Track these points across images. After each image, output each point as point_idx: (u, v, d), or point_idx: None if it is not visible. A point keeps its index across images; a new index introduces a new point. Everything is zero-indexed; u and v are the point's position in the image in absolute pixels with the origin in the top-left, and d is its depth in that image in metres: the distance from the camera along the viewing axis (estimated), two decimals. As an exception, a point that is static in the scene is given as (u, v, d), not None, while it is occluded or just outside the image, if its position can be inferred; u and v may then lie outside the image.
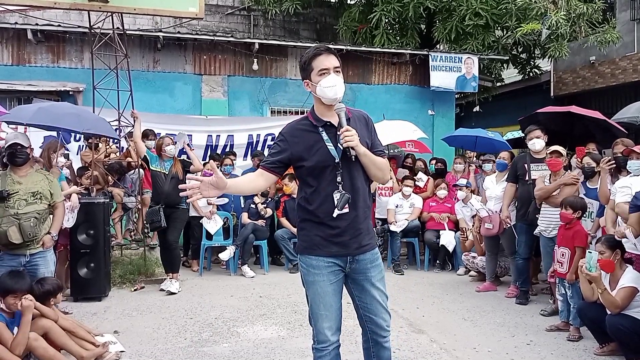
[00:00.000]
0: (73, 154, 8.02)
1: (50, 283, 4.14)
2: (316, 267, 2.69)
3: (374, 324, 2.79)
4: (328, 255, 2.67)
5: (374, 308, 2.76)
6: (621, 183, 4.51)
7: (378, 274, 2.76)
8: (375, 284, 2.75)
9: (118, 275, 6.52)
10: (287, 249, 7.47)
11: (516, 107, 13.50)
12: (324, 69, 2.59)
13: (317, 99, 2.66)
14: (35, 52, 8.83)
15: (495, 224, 6.13)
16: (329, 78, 2.57)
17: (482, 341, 4.58)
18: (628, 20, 12.08)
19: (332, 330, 2.70)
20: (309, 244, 2.70)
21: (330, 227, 2.65)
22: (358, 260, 2.71)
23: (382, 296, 2.78)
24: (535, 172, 5.68)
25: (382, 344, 2.82)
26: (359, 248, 2.69)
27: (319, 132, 2.66)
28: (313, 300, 2.72)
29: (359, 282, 2.75)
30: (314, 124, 2.69)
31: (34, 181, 4.42)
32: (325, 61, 2.59)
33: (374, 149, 2.71)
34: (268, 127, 9.27)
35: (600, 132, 6.34)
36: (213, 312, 5.42)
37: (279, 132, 2.76)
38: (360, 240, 2.69)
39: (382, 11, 10.70)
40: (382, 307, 2.78)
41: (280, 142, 2.69)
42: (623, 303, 3.97)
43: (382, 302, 2.78)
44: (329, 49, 2.65)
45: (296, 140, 2.67)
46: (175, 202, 6.25)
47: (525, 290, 5.88)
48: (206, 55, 9.51)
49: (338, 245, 2.66)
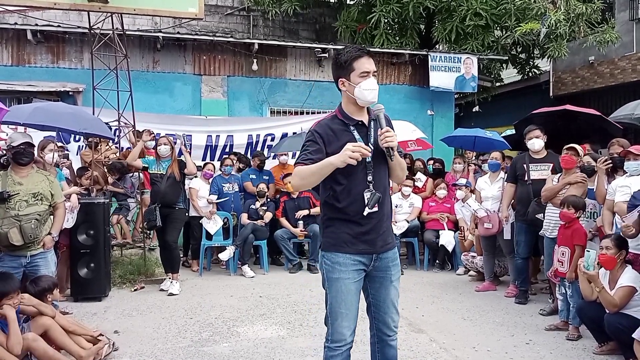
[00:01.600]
0: (73, 154, 8.04)
1: (45, 280, 4.16)
2: (342, 264, 2.71)
3: (382, 321, 2.83)
4: (355, 253, 2.70)
5: (385, 306, 2.81)
6: (620, 183, 4.53)
7: (396, 273, 2.83)
8: (394, 282, 2.81)
9: (118, 276, 6.53)
10: (286, 249, 7.48)
11: (515, 107, 13.51)
12: (366, 71, 2.62)
13: (350, 98, 2.69)
14: (35, 52, 8.83)
15: (494, 224, 6.15)
16: (370, 81, 2.62)
17: (482, 340, 4.59)
18: (627, 20, 12.09)
19: (350, 330, 2.72)
20: (337, 241, 2.72)
21: (359, 225, 2.68)
22: (381, 259, 2.76)
23: (396, 296, 2.83)
24: (535, 172, 5.69)
25: (388, 342, 2.86)
26: (383, 246, 2.74)
27: (350, 131, 2.69)
28: (335, 298, 2.73)
29: (377, 280, 2.80)
30: (346, 123, 2.71)
31: (35, 182, 4.42)
32: (367, 64, 2.63)
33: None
34: (268, 128, 9.29)
35: (595, 132, 6.36)
36: (213, 312, 5.43)
37: (312, 129, 2.72)
38: (385, 238, 2.75)
39: (381, 11, 10.70)
40: (394, 307, 2.83)
41: (318, 140, 2.67)
42: (621, 302, 3.99)
43: (395, 302, 2.83)
44: (369, 52, 2.68)
45: (330, 138, 2.67)
46: (172, 201, 6.26)
47: (524, 289, 5.89)
48: (206, 55, 9.52)
49: (366, 244, 2.70)
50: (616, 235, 4.24)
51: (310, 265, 7.47)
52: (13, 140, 4.41)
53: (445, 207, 7.82)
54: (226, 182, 7.68)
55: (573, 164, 5.15)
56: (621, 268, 4.15)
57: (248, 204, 7.68)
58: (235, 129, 9.12)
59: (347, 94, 2.69)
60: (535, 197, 5.57)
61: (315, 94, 10.03)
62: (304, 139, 2.75)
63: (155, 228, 6.31)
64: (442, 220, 7.66)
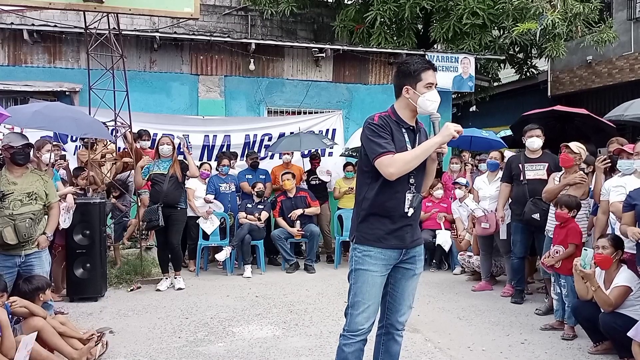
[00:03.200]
0: (70, 154, 8.03)
1: (37, 280, 4.15)
2: (374, 257, 2.85)
3: (394, 312, 2.98)
4: (387, 248, 2.85)
5: (401, 298, 2.97)
6: (615, 182, 4.52)
7: (420, 268, 3.00)
8: (416, 275, 2.98)
9: (114, 276, 6.52)
10: (283, 248, 7.48)
11: (513, 107, 13.51)
12: (431, 83, 2.82)
13: (410, 105, 2.86)
14: (32, 52, 8.81)
15: (492, 223, 6.15)
16: (434, 93, 2.83)
17: (477, 340, 4.59)
18: (625, 20, 12.11)
19: (368, 322, 2.87)
20: (371, 236, 2.86)
21: (394, 222, 2.84)
22: (410, 253, 2.92)
23: (413, 289, 3.01)
24: (530, 172, 5.69)
25: (394, 336, 3.01)
26: (412, 241, 2.92)
27: (402, 133, 2.86)
28: (360, 289, 2.87)
29: (401, 271, 2.95)
30: (399, 124, 2.87)
31: (29, 182, 4.42)
32: (433, 77, 2.84)
33: None
34: (265, 127, 9.29)
35: (593, 132, 6.37)
36: (209, 311, 5.42)
37: (376, 122, 2.81)
38: (414, 234, 2.93)
39: (378, 11, 10.70)
40: (409, 299, 3.00)
41: (386, 129, 2.81)
42: (616, 302, 3.99)
43: (411, 295, 3.00)
44: (435, 67, 2.91)
45: (391, 133, 2.83)
46: (174, 201, 6.28)
47: (520, 289, 5.89)
48: (203, 55, 9.50)
49: (397, 239, 2.86)
50: (612, 235, 4.24)
51: (307, 265, 7.47)
52: (11, 140, 4.40)
53: (441, 206, 7.82)
54: (223, 182, 7.68)
55: (571, 161, 5.13)
56: (617, 268, 4.15)
57: (245, 203, 7.68)
58: (232, 129, 9.12)
59: (408, 101, 2.86)
60: (531, 197, 5.57)
61: (313, 94, 10.01)
62: (367, 131, 2.83)
63: (157, 228, 6.30)
64: (439, 220, 7.66)
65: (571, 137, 6.42)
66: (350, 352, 2.87)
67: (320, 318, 5.20)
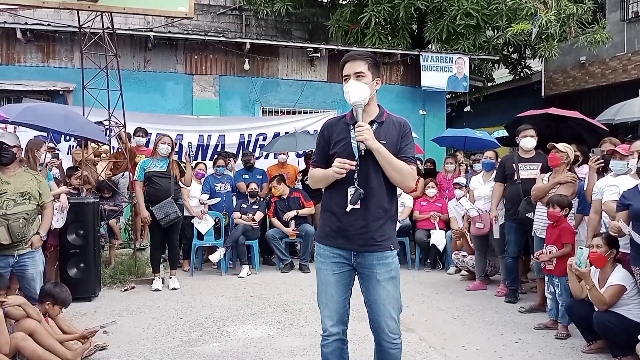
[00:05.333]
0: (63, 153, 8.00)
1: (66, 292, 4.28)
2: (323, 255, 2.84)
3: (376, 324, 2.78)
4: (334, 246, 2.80)
5: (377, 308, 2.76)
6: (608, 182, 4.55)
7: (385, 273, 2.75)
8: (381, 282, 2.74)
9: (108, 276, 6.50)
10: (278, 248, 7.47)
11: (507, 107, 13.57)
12: (346, 75, 2.79)
13: None
14: (25, 51, 8.78)
15: (486, 223, 6.17)
16: (348, 84, 2.76)
17: (471, 339, 4.60)
18: (618, 21, 12.18)
19: (332, 321, 2.80)
20: (321, 233, 2.88)
21: (339, 220, 2.76)
22: (364, 255, 2.76)
23: (387, 298, 2.75)
24: (524, 171, 5.72)
25: (386, 349, 2.78)
26: (363, 245, 2.74)
27: (349, 131, 2.80)
28: (317, 287, 2.89)
29: (364, 277, 2.80)
30: (347, 122, 2.83)
31: (23, 181, 4.39)
32: (348, 68, 2.78)
33: (401, 154, 2.75)
34: (259, 127, 9.29)
35: (586, 133, 6.40)
36: (203, 311, 5.41)
37: (321, 128, 2.94)
38: (367, 237, 2.73)
39: (373, 11, 10.73)
40: (386, 310, 2.75)
41: (321, 140, 2.89)
42: (611, 300, 4.01)
43: (387, 304, 2.75)
44: (355, 56, 2.80)
45: (333, 136, 2.84)
46: (176, 197, 6.32)
47: (514, 288, 5.91)
48: (197, 55, 9.50)
49: (344, 238, 2.76)
50: (607, 234, 4.26)
51: (302, 265, 7.46)
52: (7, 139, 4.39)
53: (436, 206, 7.83)
54: (218, 181, 7.66)
55: (559, 160, 5.18)
56: (611, 267, 4.17)
57: (240, 203, 7.67)
58: (227, 128, 9.11)
59: None
60: (525, 197, 5.59)
61: (307, 94, 10.03)
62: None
63: (176, 221, 6.24)
64: (434, 219, 7.67)
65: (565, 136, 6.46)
66: (329, 352, 2.83)
67: (314, 318, 5.19)
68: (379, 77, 2.83)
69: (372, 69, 2.78)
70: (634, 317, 3.95)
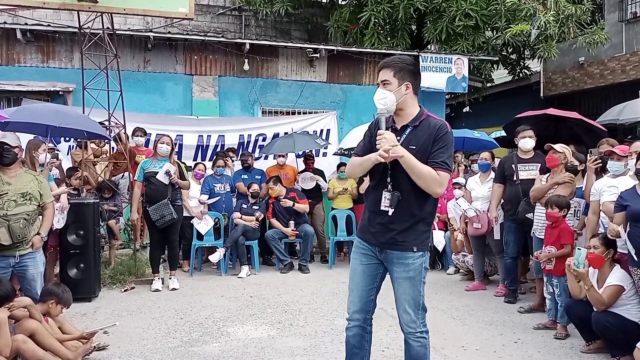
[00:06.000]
0: (63, 154, 8.00)
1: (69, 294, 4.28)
2: (356, 246, 3.07)
3: (399, 315, 2.97)
4: (364, 240, 3.01)
5: (397, 301, 2.96)
6: (607, 183, 4.56)
7: (402, 272, 2.89)
8: (399, 279, 2.90)
9: (108, 276, 6.51)
10: (277, 249, 7.49)
11: (506, 107, 13.59)
12: (377, 83, 2.94)
13: None
14: (25, 52, 8.77)
15: (483, 224, 6.19)
16: (377, 91, 2.89)
17: (470, 339, 4.62)
18: (616, 22, 12.20)
19: (355, 306, 3.03)
20: (360, 225, 3.10)
21: (369, 217, 2.97)
22: (386, 253, 2.93)
23: (403, 294, 2.91)
24: (523, 172, 5.74)
25: (408, 340, 2.96)
26: (385, 243, 2.90)
27: None
28: (350, 274, 3.09)
29: (389, 272, 3.00)
30: (385, 126, 2.88)
31: (24, 182, 4.40)
32: (379, 77, 2.92)
33: (430, 159, 2.79)
34: (259, 128, 9.30)
35: (585, 133, 6.42)
36: (203, 312, 5.43)
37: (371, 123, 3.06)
38: (390, 237, 2.87)
39: (372, 12, 10.74)
40: (402, 305, 2.92)
41: (367, 134, 3.05)
42: (609, 300, 4.03)
43: (403, 300, 2.91)
44: (383, 64, 2.92)
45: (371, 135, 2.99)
46: (173, 199, 6.31)
47: (513, 289, 5.93)
48: (197, 55, 9.49)
49: (371, 235, 2.96)
50: (603, 234, 4.28)
51: (302, 265, 7.48)
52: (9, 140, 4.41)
53: (435, 207, 7.83)
54: (218, 182, 7.67)
55: (556, 161, 5.21)
56: (610, 267, 4.19)
57: (240, 203, 7.68)
58: (226, 129, 9.12)
59: None
60: (524, 197, 5.61)
61: (307, 94, 10.03)
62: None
63: (171, 222, 6.24)
64: (432, 220, 7.67)
65: (563, 137, 6.49)
66: (351, 336, 3.05)
67: (314, 318, 5.21)
68: (409, 81, 2.87)
69: (399, 75, 2.85)
70: (632, 317, 3.98)
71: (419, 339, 2.93)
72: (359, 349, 3.07)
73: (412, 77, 2.89)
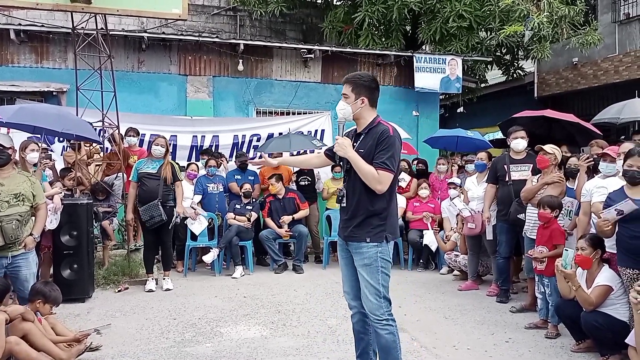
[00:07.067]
0: (57, 154, 7.99)
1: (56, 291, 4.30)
2: (338, 243, 3.45)
3: (364, 305, 3.24)
4: (339, 235, 3.40)
5: (361, 292, 3.26)
6: (597, 183, 4.60)
7: (359, 261, 3.21)
8: (358, 268, 3.23)
9: (102, 277, 6.51)
10: (272, 249, 7.50)
11: (500, 108, 13.64)
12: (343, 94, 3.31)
13: None
14: (18, 52, 8.76)
15: (477, 224, 6.22)
16: (338, 103, 3.32)
17: (462, 339, 4.65)
18: (609, 23, 12.27)
19: (349, 295, 3.40)
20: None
21: (340, 216, 3.37)
22: (349, 244, 3.28)
23: (363, 281, 3.21)
24: (515, 172, 5.77)
25: (376, 329, 3.23)
26: (347, 237, 3.27)
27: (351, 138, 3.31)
28: None
29: None
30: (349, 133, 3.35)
31: (16, 183, 4.40)
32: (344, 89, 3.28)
33: (374, 160, 3.12)
34: (253, 128, 9.31)
35: (578, 133, 6.47)
36: (197, 312, 5.44)
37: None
38: (349, 230, 3.24)
39: (367, 12, 10.77)
40: (363, 291, 3.21)
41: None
42: (597, 301, 4.06)
43: (365, 288, 3.20)
44: (345, 79, 3.30)
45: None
46: (166, 200, 6.31)
47: (505, 288, 5.97)
48: (191, 55, 9.50)
49: (340, 230, 3.36)
50: (591, 236, 4.31)
51: (296, 266, 7.50)
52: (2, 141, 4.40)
53: (429, 207, 7.88)
54: (211, 182, 7.68)
55: (547, 162, 5.25)
56: (598, 267, 4.22)
57: (233, 204, 7.69)
58: (220, 129, 9.13)
59: None
60: (516, 198, 5.65)
61: (301, 95, 10.05)
62: None
63: (160, 224, 6.26)
64: (426, 220, 7.71)
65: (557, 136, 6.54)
66: (355, 322, 3.43)
67: (308, 318, 5.23)
68: (365, 96, 3.22)
69: (357, 90, 3.22)
70: (620, 316, 4.01)
71: (386, 327, 3.18)
72: (364, 333, 3.41)
73: (368, 92, 3.24)
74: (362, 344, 3.44)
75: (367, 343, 3.42)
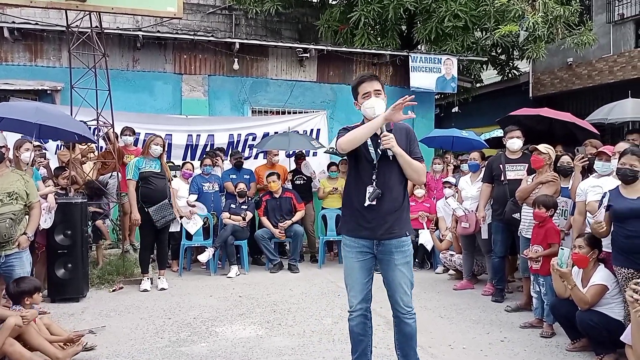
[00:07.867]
0: (51, 153, 7.94)
1: (27, 282, 4.12)
2: (349, 246, 3.34)
3: (393, 299, 3.31)
4: (359, 238, 3.28)
5: (394, 286, 3.28)
6: (592, 183, 4.62)
7: (401, 258, 3.26)
8: (398, 266, 3.25)
9: (96, 276, 6.48)
10: (267, 248, 7.49)
11: (495, 107, 13.65)
12: (367, 92, 3.25)
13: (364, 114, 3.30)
14: (12, 50, 8.70)
15: (471, 223, 6.23)
16: (370, 100, 3.23)
17: (458, 338, 4.65)
18: (604, 23, 12.33)
19: (357, 299, 3.33)
20: (347, 226, 3.35)
21: (362, 215, 3.24)
22: (384, 244, 3.24)
23: (402, 278, 3.26)
24: (511, 172, 5.78)
25: (402, 319, 3.32)
26: (384, 234, 3.22)
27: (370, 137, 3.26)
28: (344, 272, 3.39)
29: (384, 262, 3.29)
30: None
31: (10, 181, 4.38)
32: (367, 87, 3.25)
33: (412, 155, 3.23)
34: (249, 127, 9.29)
35: (578, 130, 6.47)
36: (192, 312, 5.42)
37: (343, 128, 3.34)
38: (387, 227, 3.21)
39: (362, 12, 10.77)
40: (401, 288, 3.26)
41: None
42: (592, 300, 4.07)
43: (402, 284, 3.26)
44: (372, 76, 3.30)
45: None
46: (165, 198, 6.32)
47: (501, 288, 5.97)
48: (186, 54, 9.46)
49: (368, 230, 3.24)
50: (589, 235, 4.32)
51: (291, 265, 7.48)
52: None
53: (424, 206, 7.89)
54: (206, 181, 7.65)
55: (541, 162, 5.26)
56: (594, 267, 4.23)
57: (228, 203, 7.67)
58: (216, 128, 9.11)
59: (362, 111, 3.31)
60: (511, 197, 5.66)
61: (297, 94, 10.04)
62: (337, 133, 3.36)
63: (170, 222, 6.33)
64: (422, 219, 7.72)
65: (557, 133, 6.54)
66: (355, 325, 3.36)
67: (303, 317, 5.23)
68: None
69: (383, 88, 3.30)
70: (615, 315, 4.03)
71: (413, 316, 3.33)
72: (364, 335, 3.40)
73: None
74: (360, 346, 3.42)
75: (367, 345, 3.42)
